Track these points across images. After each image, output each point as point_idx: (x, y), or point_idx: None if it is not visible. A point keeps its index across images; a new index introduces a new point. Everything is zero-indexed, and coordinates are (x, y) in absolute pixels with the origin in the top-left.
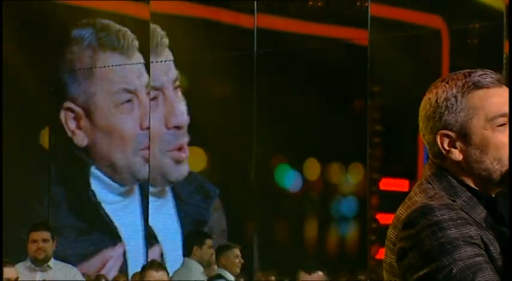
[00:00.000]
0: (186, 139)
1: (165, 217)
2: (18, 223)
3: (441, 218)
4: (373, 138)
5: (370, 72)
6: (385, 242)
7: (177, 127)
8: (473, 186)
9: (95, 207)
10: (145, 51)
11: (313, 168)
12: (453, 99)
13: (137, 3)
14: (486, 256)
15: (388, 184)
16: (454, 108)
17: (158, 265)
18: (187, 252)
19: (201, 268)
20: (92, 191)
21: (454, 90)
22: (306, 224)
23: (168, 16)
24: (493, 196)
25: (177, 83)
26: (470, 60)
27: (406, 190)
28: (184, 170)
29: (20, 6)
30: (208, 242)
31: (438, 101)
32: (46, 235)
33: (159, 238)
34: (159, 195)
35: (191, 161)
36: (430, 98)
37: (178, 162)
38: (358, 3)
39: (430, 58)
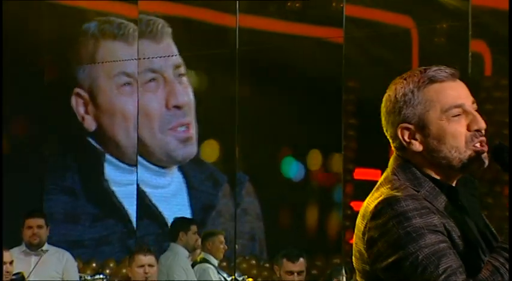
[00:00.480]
0: (188, 119)
1: (178, 206)
2: (13, 209)
3: (406, 208)
4: (347, 131)
5: (345, 69)
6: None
7: (177, 107)
8: (435, 176)
9: (108, 193)
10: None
11: (315, 159)
12: (410, 94)
13: (126, 3)
14: (449, 242)
15: (361, 174)
16: (412, 102)
17: (147, 249)
18: (173, 237)
19: (186, 253)
20: (106, 179)
21: (411, 86)
22: (300, 211)
23: (155, 15)
24: (454, 185)
25: (182, 70)
26: (438, 58)
27: (379, 179)
28: (191, 150)
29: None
30: (193, 228)
31: (397, 96)
32: (41, 221)
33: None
34: (166, 175)
35: (205, 153)
36: (389, 95)
37: (183, 141)
38: (334, 4)
39: (400, 56)
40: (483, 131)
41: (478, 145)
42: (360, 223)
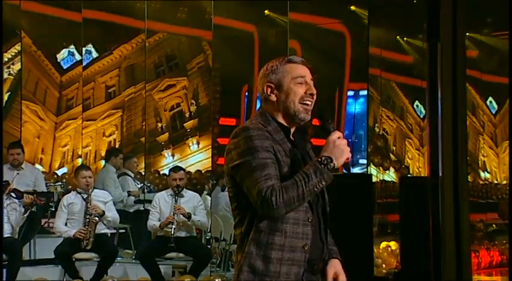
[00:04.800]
0: None
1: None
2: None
3: (252, 134)
4: (215, 94)
5: (213, 56)
6: (224, 152)
7: None
8: (280, 120)
9: None
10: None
11: None
12: (275, 67)
13: (70, 11)
14: (274, 159)
15: (223, 121)
16: (276, 71)
17: (87, 167)
18: (107, 159)
19: (114, 169)
20: None
21: (277, 63)
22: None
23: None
24: (292, 130)
25: None
26: (269, 51)
27: (234, 124)
28: None
29: None
30: (120, 155)
31: (267, 68)
32: (19, 150)
33: None
34: None
35: None
36: (264, 68)
37: None
38: (206, 16)
39: (247, 48)
40: (314, 96)
41: (306, 102)
42: (228, 144)
